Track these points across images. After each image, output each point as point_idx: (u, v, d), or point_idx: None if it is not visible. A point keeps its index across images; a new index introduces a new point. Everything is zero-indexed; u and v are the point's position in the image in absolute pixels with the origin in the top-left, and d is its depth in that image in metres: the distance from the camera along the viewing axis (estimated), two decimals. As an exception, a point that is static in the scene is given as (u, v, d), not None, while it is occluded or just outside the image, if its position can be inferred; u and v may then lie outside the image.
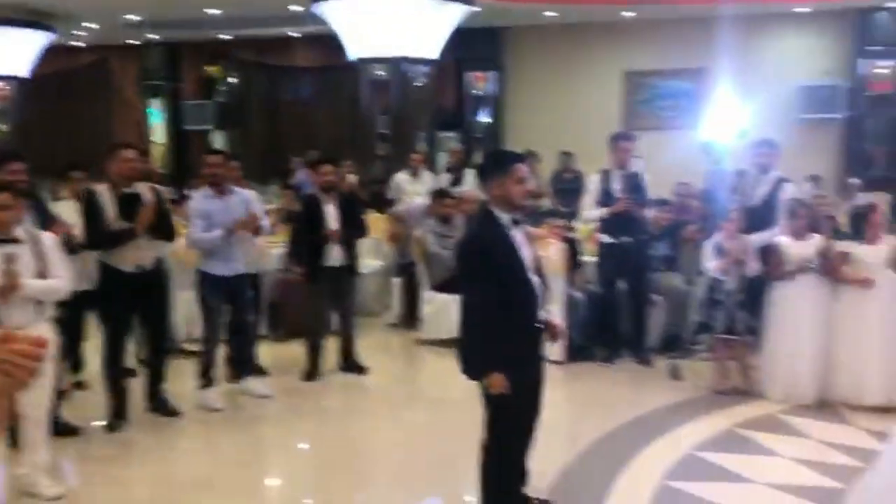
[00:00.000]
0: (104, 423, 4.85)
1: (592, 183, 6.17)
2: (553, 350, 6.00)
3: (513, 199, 3.23)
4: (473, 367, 3.23)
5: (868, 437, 4.56)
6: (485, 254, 3.20)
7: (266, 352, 6.10)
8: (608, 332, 6.26)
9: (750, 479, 4.07)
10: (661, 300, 6.44)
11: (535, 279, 3.31)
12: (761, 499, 3.87)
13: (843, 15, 11.37)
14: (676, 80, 12.05)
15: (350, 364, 6.00)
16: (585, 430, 4.78)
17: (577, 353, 6.18)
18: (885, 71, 11.41)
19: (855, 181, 10.04)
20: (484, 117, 13.02)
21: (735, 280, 5.32)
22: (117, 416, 4.85)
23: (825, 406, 5.06)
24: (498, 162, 3.40)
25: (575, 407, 5.28)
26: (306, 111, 13.67)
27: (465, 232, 3.62)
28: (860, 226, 5.20)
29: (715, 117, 6.06)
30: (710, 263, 5.38)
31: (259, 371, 5.66)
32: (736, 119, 5.98)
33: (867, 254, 5.04)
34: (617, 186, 5.97)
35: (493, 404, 3.24)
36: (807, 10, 11.26)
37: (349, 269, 5.91)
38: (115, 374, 4.89)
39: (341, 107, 12.61)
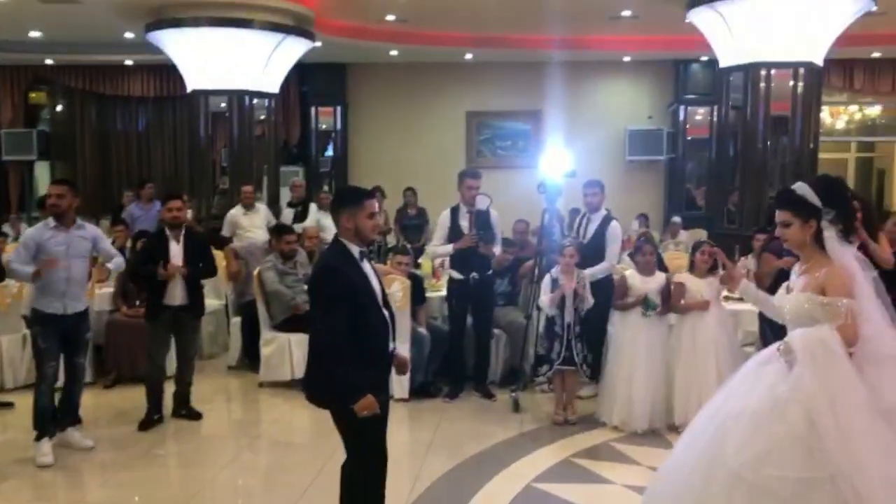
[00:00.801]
0: None
1: (441, 219, 6.25)
2: (397, 388, 6.02)
3: (364, 233, 3.33)
4: (326, 394, 3.25)
5: (691, 461, 4.83)
6: (337, 282, 3.21)
7: (90, 399, 5.65)
8: (453, 367, 6.31)
9: (585, 508, 4.19)
10: (502, 335, 6.58)
11: (384, 311, 3.38)
12: (596, 527, 3.97)
13: (662, 65, 12.35)
14: (515, 122, 12.58)
15: (186, 410, 5.70)
16: (429, 468, 4.75)
17: (421, 389, 6.19)
18: (700, 117, 12.47)
19: (677, 219, 10.83)
20: (329, 152, 12.98)
21: (571, 313, 5.53)
22: None
23: (656, 433, 5.33)
24: (351, 196, 3.45)
25: (418, 445, 5.24)
26: (140, 143, 13.05)
27: (317, 262, 3.60)
28: (692, 261, 5.60)
29: (549, 158, 6.29)
30: (545, 297, 5.58)
31: (77, 420, 5.22)
32: (568, 160, 6.24)
33: (700, 285, 5.42)
34: (464, 223, 6.08)
35: (355, 428, 3.23)
36: (629, 59, 12.12)
37: (192, 310, 5.64)
38: None
39: (178, 139, 12.14)
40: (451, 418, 5.79)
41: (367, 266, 3.37)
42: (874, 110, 13.05)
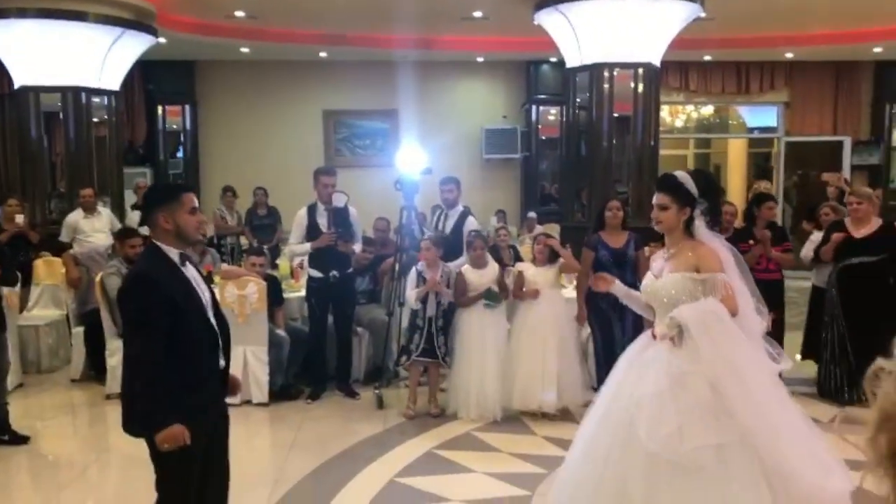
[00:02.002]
0: None
1: (298, 218, 6.12)
2: (255, 391, 5.85)
3: (186, 232, 2.93)
4: (139, 423, 2.84)
5: (549, 445, 5.00)
6: (150, 294, 2.80)
7: None
8: (315, 367, 6.20)
9: (448, 498, 4.22)
10: (365, 332, 6.55)
11: (213, 321, 3.01)
12: (459, 516, 4.02)
13: (514, 66, 12.70)
14: (373, 121, 12.55)
15: (7, 434, 5.15)
16: (291, 471, 4.64)
17: (282, 392, 6.05)
18: (552, 117, 12.93)
19: (533, 215, 11.18)
20: (178, 153, 12.44)
21: (433, 306, 5.58)
22: None
23: (512, 419, 5.47)
24: (165, 192, 3.08)
25: (280, 449, 5.11)
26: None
27: (128, 272, 3.13)
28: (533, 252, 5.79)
29: (405, 155, 6.32)
30: (410, 291, 5.60)
31: None
32: (424, 157, 6.29)
33: (537, 274, 5.60)
34: (322, 221, 5.99)
35: (165, 461, 2.85)
36: (481, 59, 12.40)
37: None
38: None
39: (7, 139, 11.24)
40: (313, 418, 5.69)
41: (190, 271, 2.97)
42: (708, 109, 14.01)
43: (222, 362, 3.05)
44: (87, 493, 4.60)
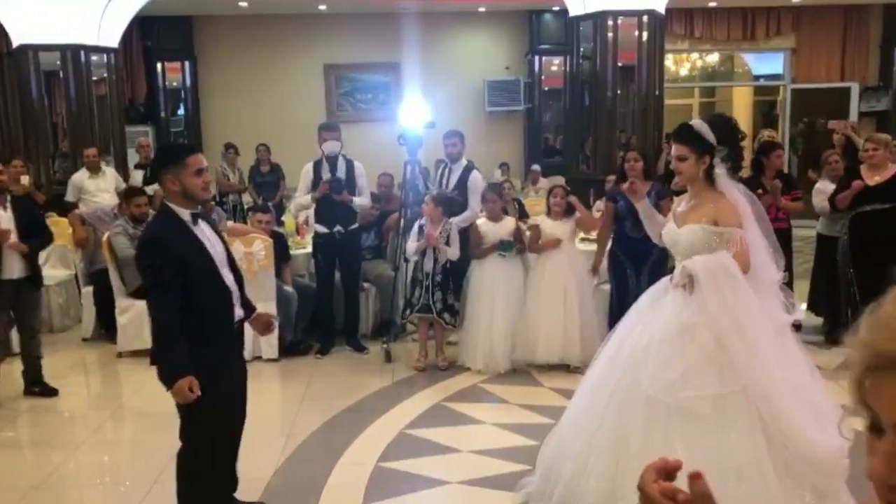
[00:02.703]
0: None
1: (304, 172, 6.15)
2: (266, 348, 5.92)
3: (193, 193, 3.04)
4: (159, 377, 2.98)
5: (556, 396, 5.06)
6: (162, 254, 2.94)
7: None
8: (323, 323, 6.26)
9: (457, 448, 4.30)
10: (371, 288, 6.59)
11: (228, 276, 3.15)
12: (468, 465, 4.09)
13: (517, 15, 12.50)
14: (374, 74, 12.41)
15: (39, 386, 5.38)
16: (303, 425, 4.72)
17: (291, 348, 6.11)
18: (556, 68, 12.77)
19: (537, 167, 11.14)
20: (179, 110, 12.35)
21: (431, 262, 5.60)
22: None
23: (519, 371, 5.53)
24: (171, 155, 3.16)
25: (290, 403, 5.19)
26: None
27: (142, 233, 3.32)
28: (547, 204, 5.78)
29: (408, 109, 6.27)
30: (411, 244, 5.63)
31: None
32: (427, 111, 6.25)
33: (554, 227, 5.60)
34: (326, 175, 6.00)
35: (187, 412, 3.03)
36: (483, 9, 12.20)
37: (31, 281, 5.26)
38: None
39: (7, 99, 11.16)
40: (323, 373, 5.76)
41: (202, 229, 3.10)
42: (713, 58, 13.82)
43: (240, 313, 3.19)
44: (102, 449, 4.69)
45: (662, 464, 0.95)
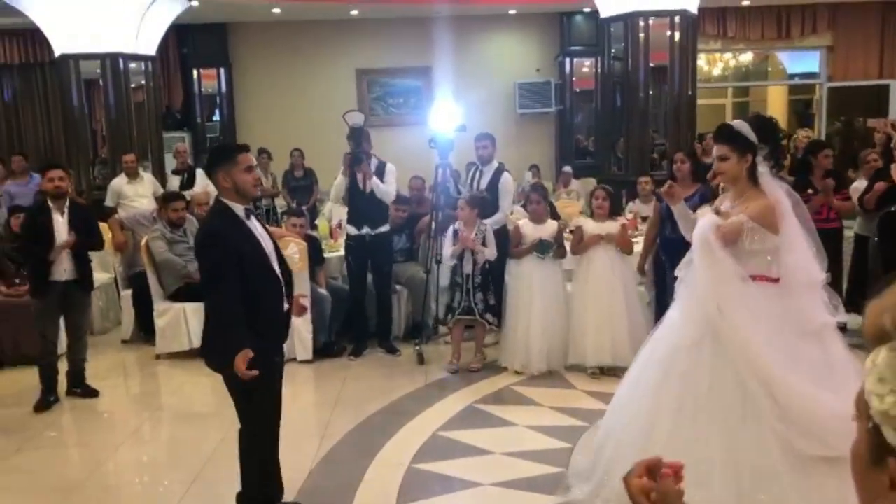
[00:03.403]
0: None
1: (339, 179, 6.16)
2: (300, 349, 5.99)
3: (244, 189, 3.23)
4: (218, 357, 3.17)
5: (589, 399, 5.06)
6: (222, 246, 3.11)
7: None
8: (356, 325, 6.32)
9: (490, 450, 4.31)
10: (404, 290, 6.63)
11: (278, 269, 3.30)
12: (501, 467, 4.10)
13: (547, 18, 12.48)
14: (406, 78, 12.48)
15: (81, 388, 5.50)
16: (336, 426, 4.77)
17: (325, 349, 6.18)
18: (587, 69, 12.73)
19: (568, 169, 11.10)
20: (215, 116, 12.54)
21: (469, 264, 5.63)
22: None
23: (555, 374, 5.53)
24: (222, 153, 3.33)
25: (324, 404, 5.25)
26: (9, 114, 12.20)
27: (200, 227, 3.51)
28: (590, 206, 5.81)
29: (439, 113, 6.31)
30: (447, 250, 5.65)
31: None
32: (458, 114, 6.28)
33: (597, 229, 5.52)
34: (359, 177, 6.04)
35: (242, 394, 3.21)
36: (513, 11, 12.20)
37: (81, 284, 5.39)
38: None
39: (51, 108, 11.44)
40: (356, 375, 5.81)
41: (254, 224, 3.28)
42: (746, 57, 13.66)
43: (286, 305, 3.35)
44: (141, 450, 4.79)
45: (653, 462, 0.96)
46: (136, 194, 7.76)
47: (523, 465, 4.12)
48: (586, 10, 11.59)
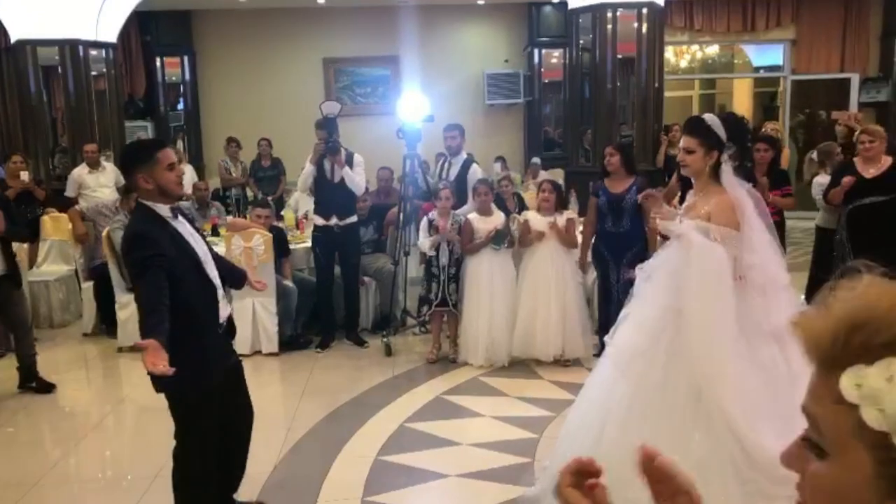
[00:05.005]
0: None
1: (307, 169, 6.10)
2: (265, 342, 5.93)
3: (168, 188, 2.93)
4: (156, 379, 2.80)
5: (556, 389, 5.07)
6: (145, 249, 2.82)
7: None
8: (323, 317, 6.27)
9: (457, 441, 4.31)
10: (372, 282, 6.59)
11: (212, 272, 3.05)
12: (467, 458, 4.10)
13: (516, 8, 12.46)
14: (373, 68, 12.38)
15: (35, 382, 5.38)
16: (303, 418, 4.73)
17: (291, 342, 6.12)
18: (555, 60, 12.74)
19: (537, 160, 11.11)
20: (179, 105, 12.33)
21: (446, 255, 5.61)
22: None
23: (519, 364, 5.54)
24: (139, 153, 3.01)
25: (291, 397, 5.20)
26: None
27: (124, 233, 3.16)
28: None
29: (407, 103, 6.26)
30: (425, 240, 5.61)
31: None
32: (425, 104, 6.23)
33: (542, 222, 5.53)
34: (327, 166, 5.98)
35: (181, 411, 2.99)
36: (482, 2, 12.16)
37: (12, 278, 5.22)
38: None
39: (6, 96, 11.15)
40: (323, 367, 5.77)
41: (182, 225, 3.00)
42: (713, 49, 13.77)
43: (226, 311, 3.10)
44: (104, 443, 4.71)
45: (578, 465, 0.90)
46: (97, 184, 7.61)
47: (490, 455, 4.12)
48: (554, 1, 11.59)
